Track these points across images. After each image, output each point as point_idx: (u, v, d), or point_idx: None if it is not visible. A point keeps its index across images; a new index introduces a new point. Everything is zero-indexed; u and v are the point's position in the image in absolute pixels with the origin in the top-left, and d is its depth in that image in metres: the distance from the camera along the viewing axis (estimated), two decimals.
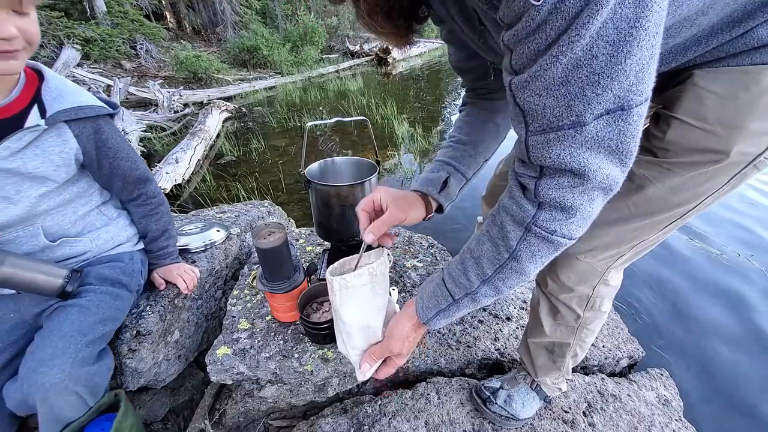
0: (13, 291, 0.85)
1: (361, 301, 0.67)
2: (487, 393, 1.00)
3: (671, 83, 0.55)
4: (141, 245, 1.07)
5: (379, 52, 10.23)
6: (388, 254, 0.72)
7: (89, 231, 0.93)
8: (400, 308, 0.73)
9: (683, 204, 0.58)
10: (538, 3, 0.34)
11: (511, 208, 0.49)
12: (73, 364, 0.76)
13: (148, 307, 1.05)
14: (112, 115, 0.88)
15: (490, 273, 0.53)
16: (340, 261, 0.70)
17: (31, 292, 0.81)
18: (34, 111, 0.75)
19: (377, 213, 0.69)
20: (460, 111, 0.84)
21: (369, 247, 0.67)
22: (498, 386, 1.01)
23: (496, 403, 0.97)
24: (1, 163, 0.72)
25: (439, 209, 0.79)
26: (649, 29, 0.33)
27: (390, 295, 1.08)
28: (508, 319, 1.36)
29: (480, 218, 1.13)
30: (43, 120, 0.75)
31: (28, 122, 0.74)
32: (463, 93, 0.84)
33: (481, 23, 0.50)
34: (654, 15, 0.33)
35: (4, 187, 0.75)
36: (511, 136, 0.57)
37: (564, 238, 0.47)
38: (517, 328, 1.31)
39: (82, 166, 0.87)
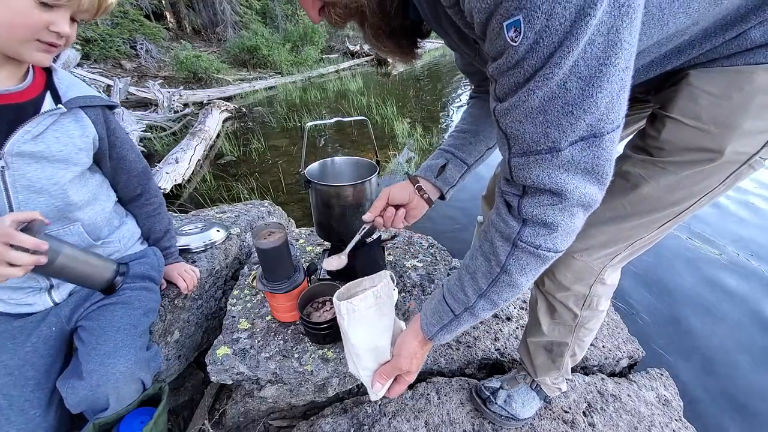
0: (50, 306, 0.86)
1: (368, 323, 0.69)
2: (487, 393, 1.00)
3: (666, 83, 0.56)
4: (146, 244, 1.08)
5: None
6: (391, 276, 0.74)
7: (114, 230, 0.95)
8: (406, 324, 0.75)
9: (679, 203, 0.58)
10: (516, 43, 0.37)
11: (498, 224, 0.52)
12: (135, 353, 0.83)
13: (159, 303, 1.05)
14: (112, 109, 0.91)
15: (485, 287, 0.56)
16: (347, 285, 0.75)
17: (79, 284, 0.83)
18: (48, 97, 0.78)
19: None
20: (467, 104, 0.87)
21: (367, 237, 0.75)
22: (498, 386, 1.01)
23: (496, 403, 0.97)
24: (24, 147, 0.73)
25: (441, 197, 0.81)
26: (618, 65, 0.37)
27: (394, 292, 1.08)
28: (508, 319, 1.37)
29: (480, 218, 1.13)
30: (60, 105, 0.78)
31: (44, 107, 0.77)
32: (468, 90, 0.89)
33: (476, 42, 0.52)
34: (623, 52, 0.36)
35: (24, 175, 0.75)
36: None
37: (549, 251, 0.49)
38: (517, 328, 1.31)
39: (96, 157, 0.89)
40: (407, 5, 0.55)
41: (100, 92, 0.89)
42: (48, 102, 0.78)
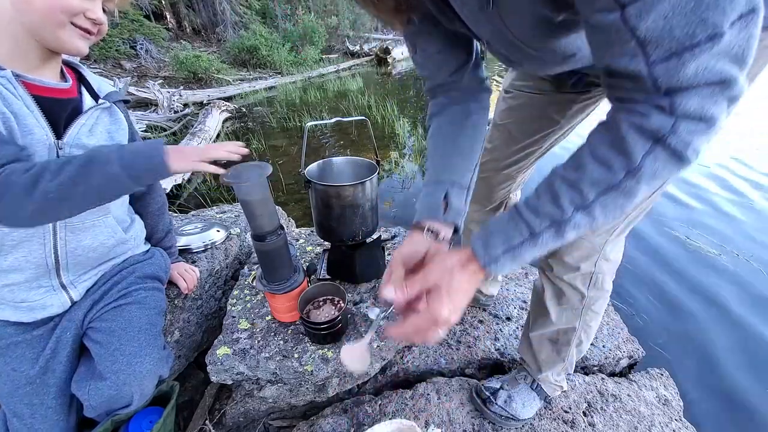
0: (68, 306, 0.86)
1: None
2: (487, 393, 1.00)
3: None
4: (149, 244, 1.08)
5: (379, 52, 10.23)
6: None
7: (127, 227, 0.96)
8: None
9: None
10: None
11: (638, 120, 0.44)
12: (158, 352, 0.86)
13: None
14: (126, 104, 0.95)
15: (592, 197, 0.46)
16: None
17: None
18: (86, 94, 0.82)
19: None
20: (427, 128, 0.76)
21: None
22: (498, 386, 1.01)
23: (496, 404, 0.97)
24: (82, 139, 0.77)
25: (455, 231, 0.68)
26: None
27: None
28: (508, 319, 1.36)
29: (465, 219, 1.12)
30: (103, 100, 0.82)
31: (87, 103, 0.80)
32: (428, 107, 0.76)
33: None
34: None
35: None
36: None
37: (693, 153, 0.43)
38: (517, 328, 1.31)
39: None
40: None
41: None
42: (88, 98, 0.81)
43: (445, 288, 0.49)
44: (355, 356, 0.60)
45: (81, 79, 0.83)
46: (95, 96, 0.82)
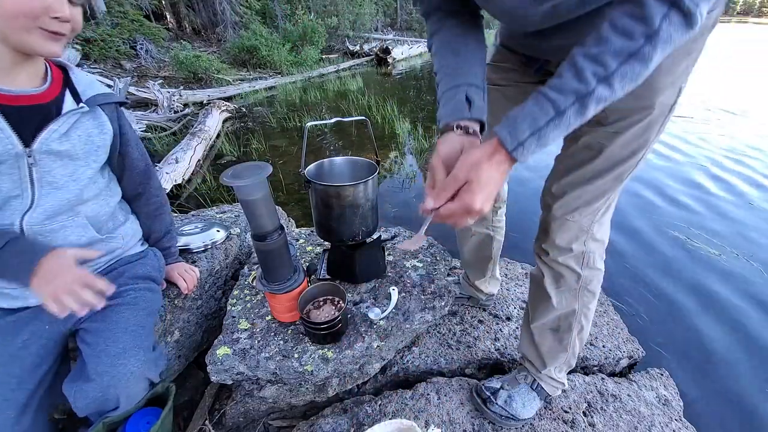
0: (40, 302, 0.84)
1: None
2: (488, 393, 1.00)
3: None
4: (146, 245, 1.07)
5: (379, 52, 10.23)
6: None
7: (119, 225, 0.95)
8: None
9: (634, 155, 0.70)
10: None
11: None
12: (144, 354, 0.84)
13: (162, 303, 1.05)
14: (122, 106, 0.93)
15: (614, 67, 0.49)
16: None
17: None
18: (68, 96, 0.80)
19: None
20: (430, 47, 0.76)
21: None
22: (498, 386, 1.01)
23: (497, 404, 0.97)
24: (52, 145, 0.75)
25: (482, 127, 0.69)
26: None
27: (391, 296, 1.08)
28: (508, 319, 1.37)
29: None
30: (82, 104, 0.79)
31: (66, 107, 0.78)
32: (428, 28, 0.76)
33: None
34: None
35: (50, 172, 0.77)
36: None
37: (700, 15, 0.47)
38: (517, 328, 1.31)
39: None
40: None
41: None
42: (69, 101, 0.79)
43: (475, 181, 0.53)
44: (414, 241, 0.62)
45: (68, 80, 0.81)
46: (79, 99, 0.80)
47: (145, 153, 0.99)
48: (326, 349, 0.95)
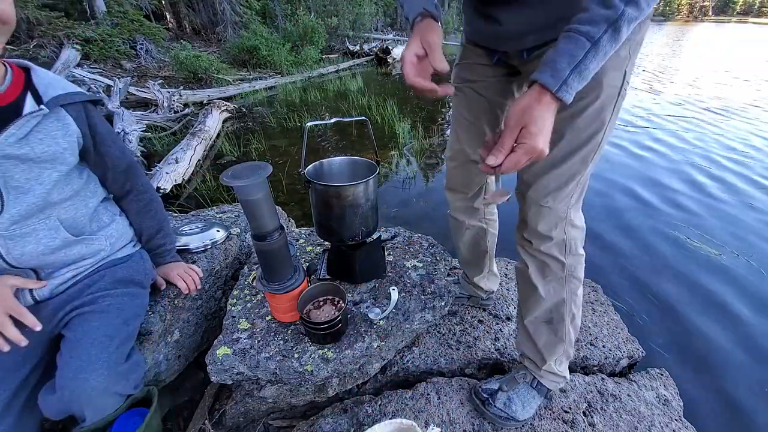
0: (30, 303, 0.84)
1: None
2: (485, 395, 1.00)
3: (535, 55, 0.71)
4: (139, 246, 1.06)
5: (379, 52, 10.23)
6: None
7: (102, 227, 0.94)
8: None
9: (593, 136, 0.73)
10: None
11: None
12: (109, 367, 0.79)
13: (148, 307, 1.05)
14: (95, 104, 0.89)
15: None
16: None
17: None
18: (29, 98, 0.77)
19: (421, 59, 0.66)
20: None
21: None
22: (496, 388, 1.01)
23: (495, 405, 0.98)
24: (9, 150, 0.73)
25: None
26: None
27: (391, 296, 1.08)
28: (508, 319, 1.37)
29: (450, 210, 1.14)
30: (42, 105, 0.76)
31: (26, 109, 0.76)
32: None
33: None
34: None
35: (13, 176, 0.75)
36: None
37: None
38: (517, 328, 1.31)
39: (81, 153, 0.87)
40: None
41: (99, 92, 0.88)
42: (30, 103, 0.77)
43: (531, 123, 0.56)
44: (500, 194, 0.63)
45: (29, 81, 0.78)
46: (41, 100, 0.77)
47: (126, 150, 0.97)
48: (326, 349, 0.95)
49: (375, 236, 1.15)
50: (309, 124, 0.96)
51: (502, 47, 0.78)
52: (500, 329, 1.31)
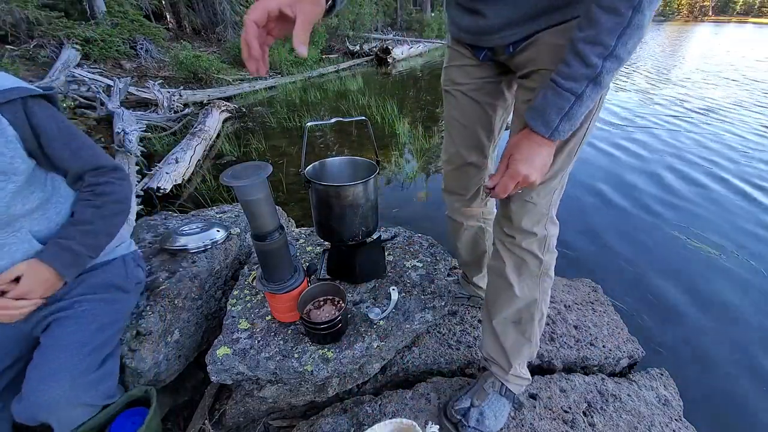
0: None
1: None
2: (458, 417, 0.95)
3: (521, 48, 0.72)
4: (134, 246, 1.04)
5: (379, 52, 10.23)
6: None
7: None
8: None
9: (575, 132, 0.73)
10: None
11: None
12: (75, 377, 0.75)
13: (148, 307, 1.05)
14: (47, 98, 0.78)
15: (612, 43, 0.56)
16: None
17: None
18: None
19: (277, 22, 0.53)
20: None
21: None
22: (468, 405, 0.96)
23: (470, 426, 0.93)
24: None
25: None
26: None
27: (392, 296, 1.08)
28: None
29: (447, 212, 1.13)
30: None
31: None
32: None
33: None
34: None
35: None
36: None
37: None
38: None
39: (33, 156, 0.78)
40: None
41: (99, 92, 0.83)
42: None
43: (516, 153, 0.67)
44: None
45: None
46: None
47: (80, 149, 0.81)
48: (326, 349, 0.95)
49: (375, 236, 1.15)
50: (309, 124, 0.96)
51: (488, 43, 0.78)
52: None
